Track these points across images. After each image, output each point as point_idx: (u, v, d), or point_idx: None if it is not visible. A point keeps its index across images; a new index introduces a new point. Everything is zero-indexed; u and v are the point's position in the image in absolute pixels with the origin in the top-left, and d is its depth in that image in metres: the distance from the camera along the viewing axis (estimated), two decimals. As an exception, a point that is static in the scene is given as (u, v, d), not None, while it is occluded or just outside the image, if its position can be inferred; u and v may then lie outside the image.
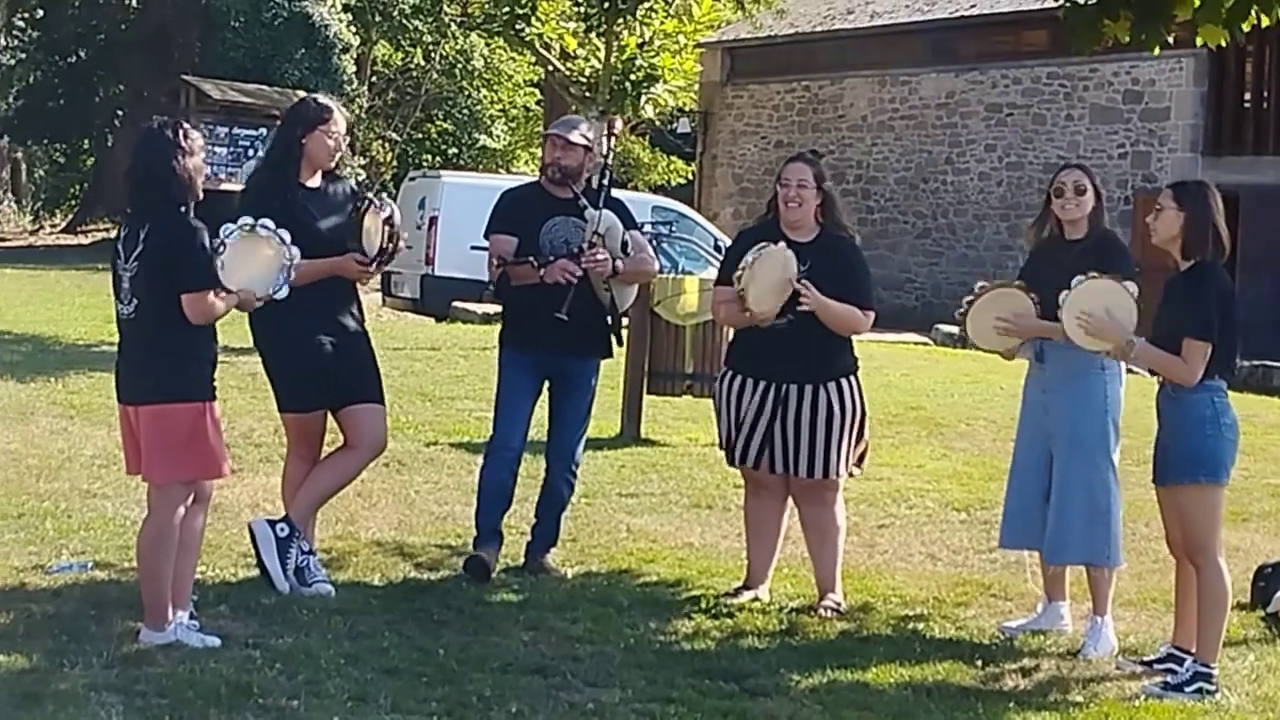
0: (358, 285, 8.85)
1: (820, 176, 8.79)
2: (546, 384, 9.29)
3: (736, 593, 8.86)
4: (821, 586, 8.85)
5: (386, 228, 8.43)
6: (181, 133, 7.35)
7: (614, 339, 9.41)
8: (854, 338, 8.89)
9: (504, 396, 9.25)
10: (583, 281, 8.96)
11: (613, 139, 9.60)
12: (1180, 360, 7.53)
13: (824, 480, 8.78)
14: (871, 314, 8.76)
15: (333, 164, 8.64)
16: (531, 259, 8.94)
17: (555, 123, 9.58)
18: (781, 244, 8.58)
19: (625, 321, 9.68)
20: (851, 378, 8.80)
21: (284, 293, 7.65)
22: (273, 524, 8.46)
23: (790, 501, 9.01)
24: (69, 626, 7.49)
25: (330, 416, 8.70)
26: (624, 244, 9.12)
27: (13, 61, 47.52)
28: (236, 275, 7.46)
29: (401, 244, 8.53)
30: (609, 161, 9.43)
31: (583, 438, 9.42)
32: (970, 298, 8.53)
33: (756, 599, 8.81)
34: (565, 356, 9.14)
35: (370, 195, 8.73)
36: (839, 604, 8.76)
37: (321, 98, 8.90)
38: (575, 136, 9.21)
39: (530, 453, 9.47)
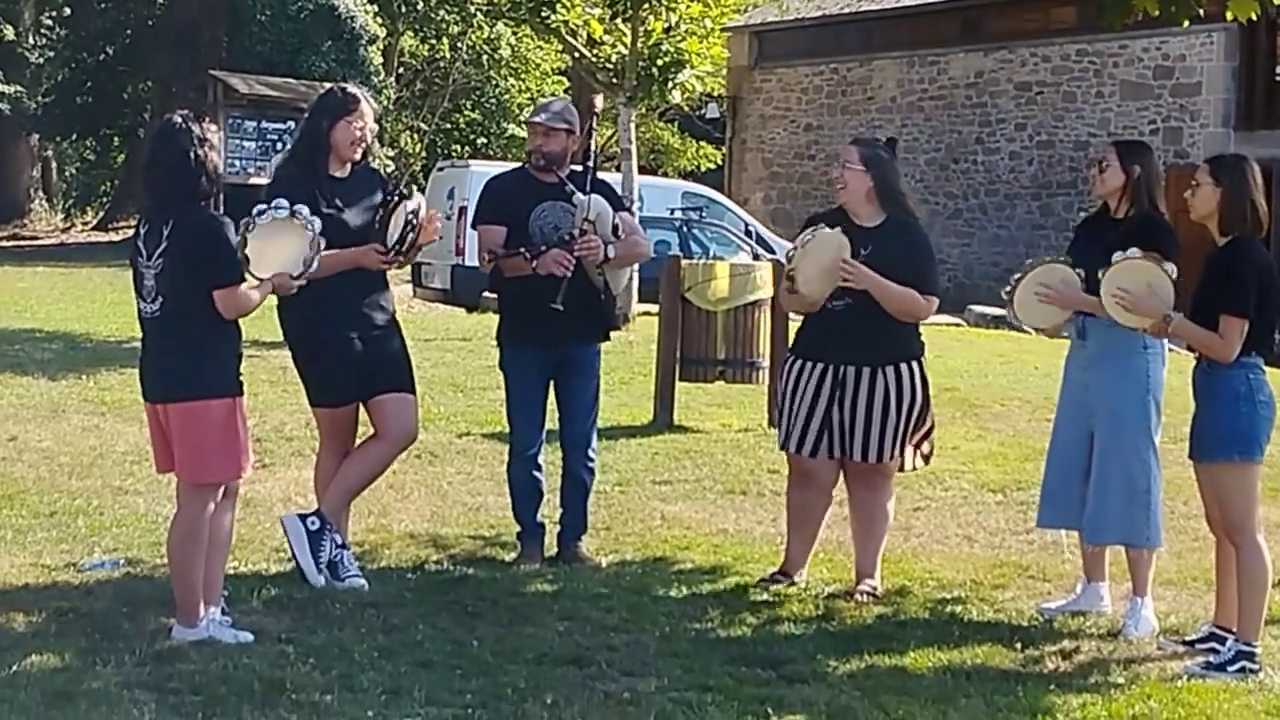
0: (387, 275, 8.80)
1: (869, 159, 8.70)
2: (551, 372, 9.25)
3: (772, 579, 8.81)
4: (860, 571, 8.80)
5: (412, 218, 8.36)
6: (201, 125, 7.30)
7: (612, 322, 9.40)
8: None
9: (515, 401, 9.26)
10: (576, 268, 8.91)
11: (594, 119, 9.50)
12: (1217, 336, 7.47)
13: (878, 465, 8.72)
14: (934, 300, 8.73)
15: (358, 154, 8.56)
16: (524, 251, 8.89)
17: (534, 109, 9.53)
18: (837, 228, 8.50)
19: (646, 307, 9.61)
20: (914, 363, 8.75)
21: (315, 266, 7.58)
22: (304, 518, 8.43)
23: (833, 494, 8.96)
24: (101, 624, 7.47)
25: (362, 409, 8.66)
26: (614, 227, 9.06)
27: (41, 60, 47.61)
28: (266, 261, 7.40)
29: (427, 237, 8.46)
30: (593, 143, 9.36)
31: (595, 422, 9.40)
32: (1017, 276, 8.46)
33: (792, 584, 8.78)
34: (566, 345, 9.11)
35: (401, 189, 8.64)
36: (875, 589, 8.70)
37: (349, 87, 8.82)
38: (554, 121, 9.15)
39: (548, 440, 9.44)
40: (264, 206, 7.55)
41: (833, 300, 8.57)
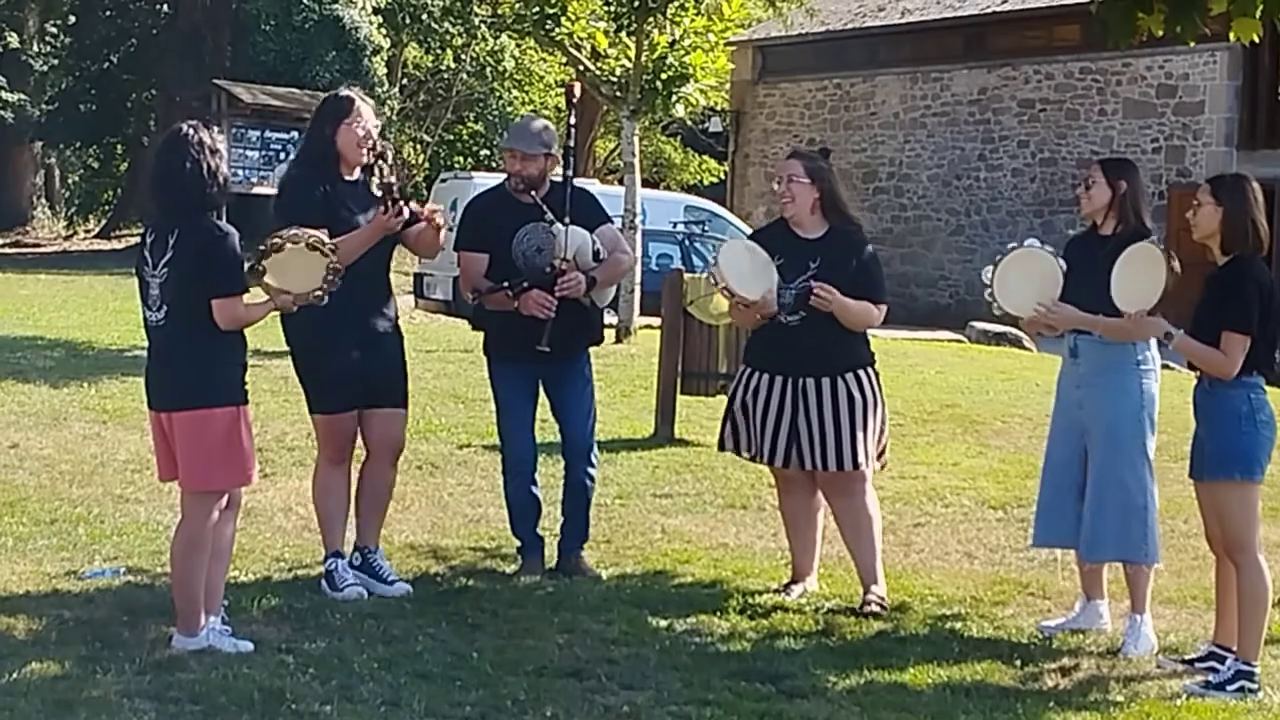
0: (392, 286, 8.82)
1: (813, 171, 8.76)
2: (542, 383, 9.23)
3: (786, 589, 8.85)
4: (864, 580, 8.79)
5: (381, 162, 8.41)
6: (208, 135, 7.32)
7: (597, 334, 9.43)
8: (878, 333, 8.85)
9: (505, 414, 9.23)
10: (562, 300, 8.87)
11: (573, 110, 9.42)
12: (1219, 353, 7.48)
13: (853, 472, 8.73)
14: (884, 308, 8.80)
15: (365, 154, 8.56)
16: (507, 288, 8.85)
17: (510, 134, 9.38)
18: (741, 238, 8.54)
19: (647, 321, 9.60)
20: (869, 369, 8.79)
21: (324, 300, 7.57)
22: (353, 566, 8.55)
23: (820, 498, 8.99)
24: (101, 633, 7.48)
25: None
26: (595, 253, 9.01)
27: (45, 67, 47.66)
28: (283, 277, 7.39)
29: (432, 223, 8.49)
30: (571, 145, 9.28)
31: (593, 428, 9.36)
32: (1000, 257, 8.43)
33: (805, 591, 8.84)
34: (554, 360, 9.05)
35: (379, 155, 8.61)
36: (883, 599, 8.70)
37: (343, 90, 8.86)
38: (532, 147, 9.05)
39: (544, 452, 9.46)
40: (294, 232, 7.51)
41: (787, 315, 8.60)
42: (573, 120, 9.37)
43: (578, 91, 9.61)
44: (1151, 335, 7.73)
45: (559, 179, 9.12)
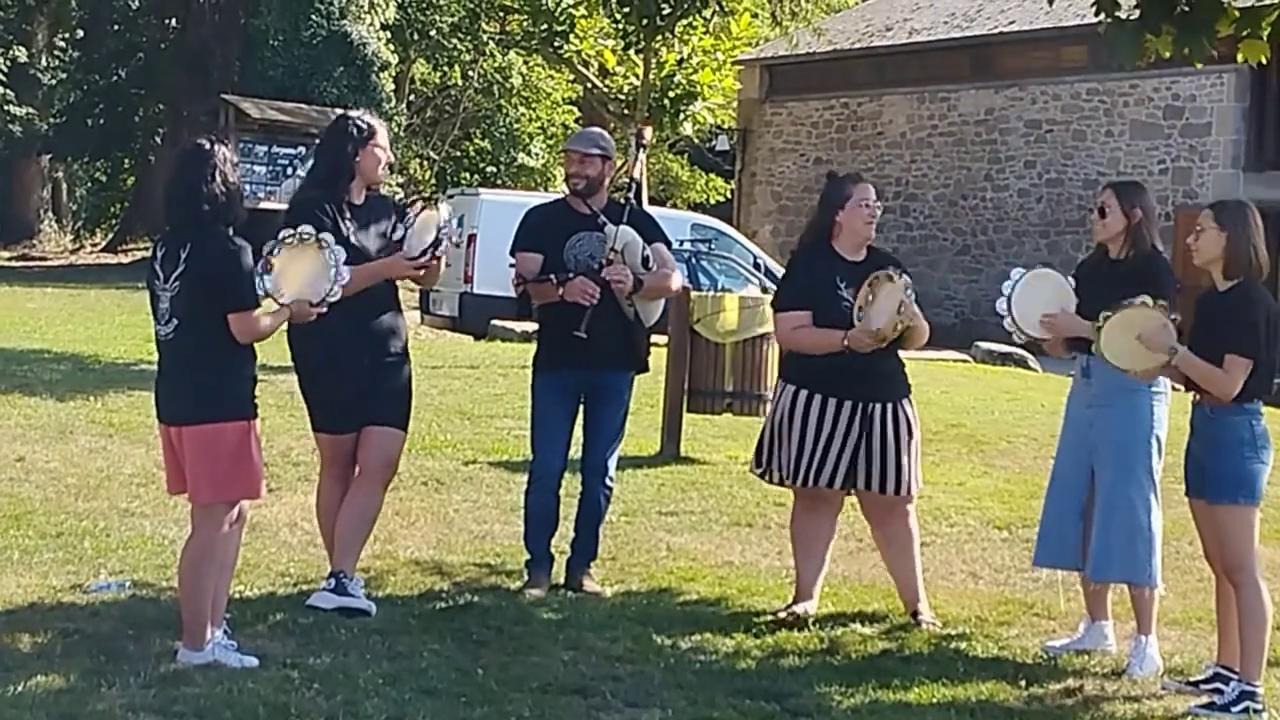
0: (402, 306, 8.82)
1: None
2: (583, 399, 9.27)
3: (788, 610, 8.84)
4: (908, 600, 8.90)
5: (444, 228, 8.46)
6: (222, 150, 7.33)
7: (645, 353, 9.41)
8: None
9: (541, 423, 9.26)
10: (608, 298, 8.95)
11: (643, 150, 9.55)
12: (1220, 370, 7.49)
13: (907, 495, 8.81)
14: None
15: (382, 176, 8.66)
16: (552, 276, 8.98)
17: (571, 138, 9.64)
18: (902, 274, 8.53)
19: (653, 339, 9.63)
20: (911, 397, 8.91)
21: (336, 295, 7.59)
22: (327, 590, 8.42)
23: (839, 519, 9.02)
24: (107, 646, 7.48)
25: None
26: (645, 259, 9.10)
27: (53, 81, 47.75)
28: (288, 286, 7.42)
29: (446, 245, 8.49)
30: (634, 176, 9.40)
31: (617, 450, 9.40)
32: (1008, 286, 8.48)
33: (806, 612, 8.82)
34: (598, 371, 9.13)
35: (428, 195, 8.69)
36: (933, 619, 8.79)
37: (364, 115, 8.86)
38: (589, 148, 9.24)
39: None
40: (296, 229, 7.58)
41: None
42: (642, 157, 9.50)
43: (648, 135, 9.75)
44: (1159, 346, 7.70)
45: (620, 200, 9.27)
